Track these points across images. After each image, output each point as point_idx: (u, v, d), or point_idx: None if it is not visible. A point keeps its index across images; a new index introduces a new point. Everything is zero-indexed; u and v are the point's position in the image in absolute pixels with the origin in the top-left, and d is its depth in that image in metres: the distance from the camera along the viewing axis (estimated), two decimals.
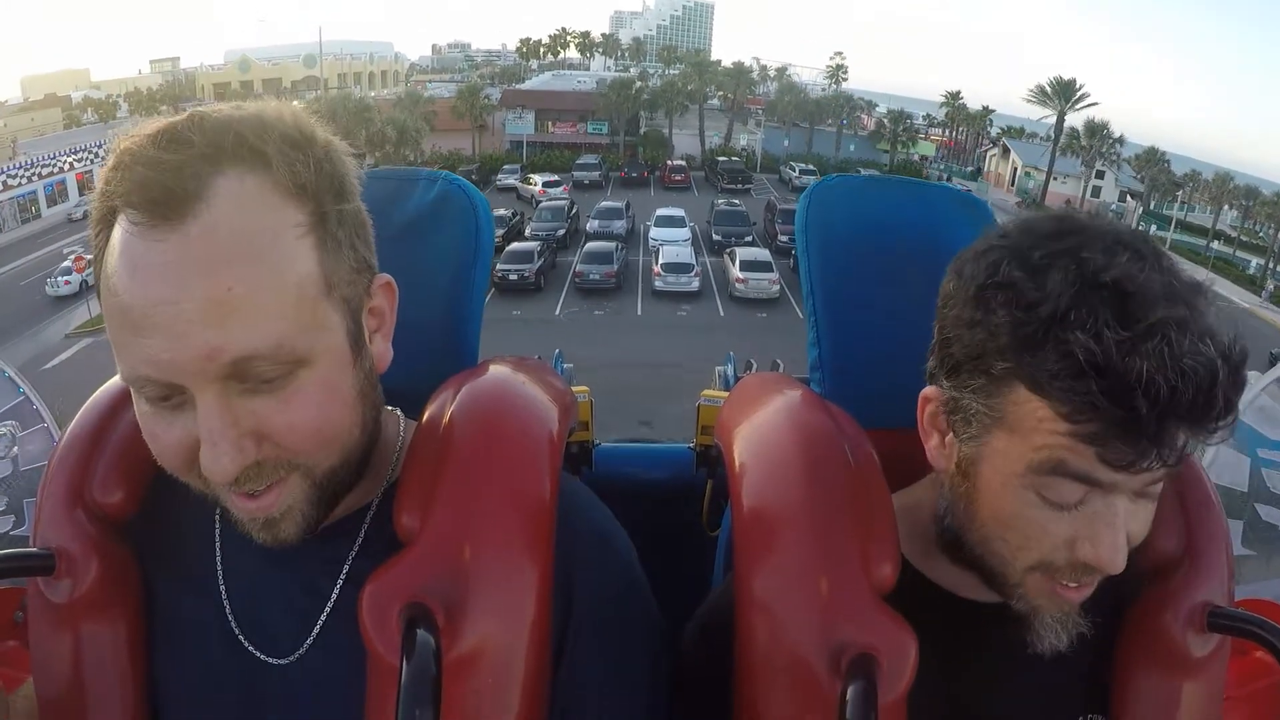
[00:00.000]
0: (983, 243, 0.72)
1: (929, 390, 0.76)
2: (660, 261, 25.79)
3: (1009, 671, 0.79)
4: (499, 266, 24.09)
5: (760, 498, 0.79)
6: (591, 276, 25.28)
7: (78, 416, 0.83)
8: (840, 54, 63.16)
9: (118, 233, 0.61)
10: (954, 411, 0.73)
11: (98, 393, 0.84)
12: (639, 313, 24.22)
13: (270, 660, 0.75)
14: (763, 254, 26.71)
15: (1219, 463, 1.52)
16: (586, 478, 1.51)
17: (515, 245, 26.48)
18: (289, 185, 0.63)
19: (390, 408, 0.82)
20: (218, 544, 0.79)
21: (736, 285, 24.60)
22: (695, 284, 25.17)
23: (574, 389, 1.14)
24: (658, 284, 25.20)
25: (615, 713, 0.77)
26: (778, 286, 24.25)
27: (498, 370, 0.84)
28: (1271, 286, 35.11)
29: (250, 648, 0.76)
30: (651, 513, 1.31)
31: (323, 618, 0.75)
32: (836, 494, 0.76)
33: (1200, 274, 0.69)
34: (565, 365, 1.76)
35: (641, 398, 14.63)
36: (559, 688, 0.73)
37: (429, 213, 0.96)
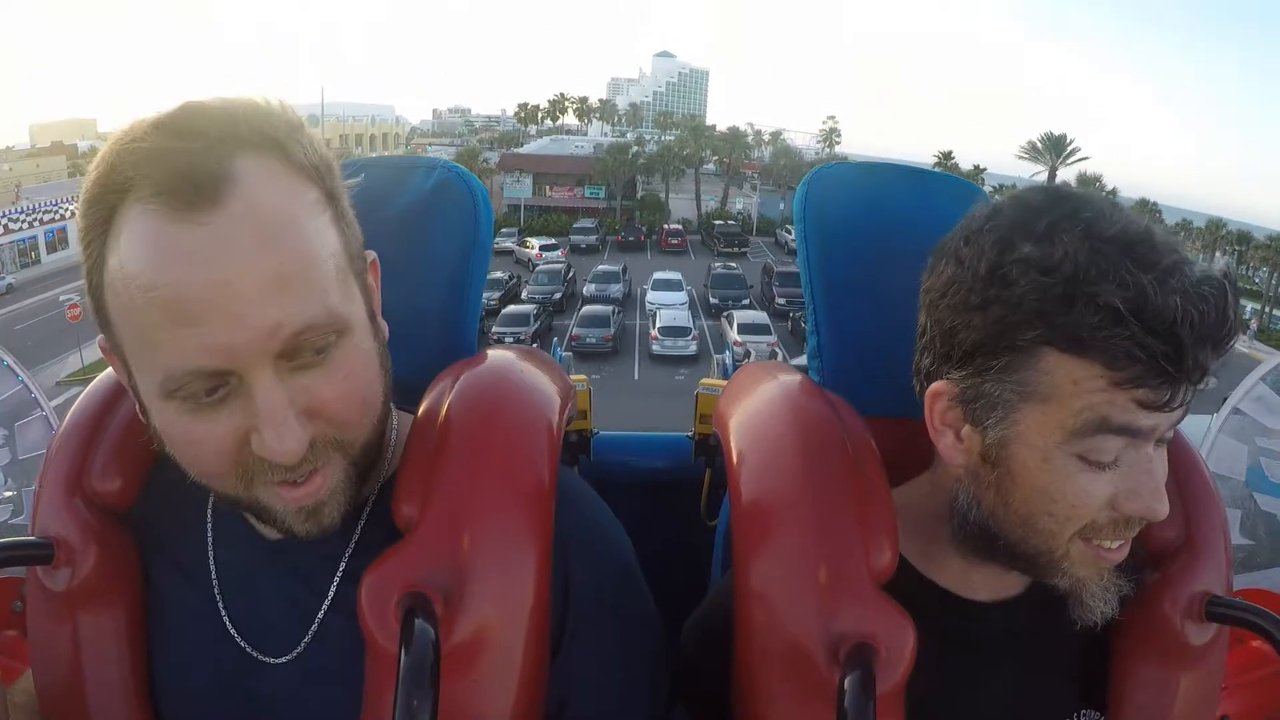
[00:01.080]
0: (973, 225, 0.72)
1: (938, 385, 0.74)
2: (658, 325, 25.72)
3: (1006, 668, 0.79)
4: (494, 329, 24.02)
5: (758, 486, 0.79)
6: (588, 340, 25.17)
7: (76, 405, 0.82)
8: (833, 118, 64.48)
9: (138, 226, 0.58)
10: (972, 400, 0.71)
11: (95, 382, 0.84)
12: (636, 377, 24.01)
13: (266, 659, 0.74)
14: (760, 316, 26.67)
15: (1217, 452, 1.52)
16: (585, 466, 1.49)
17: (511, 308, 26.45)
18: (304, 166, 0.64)
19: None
20: (209, 539, 0.78)
21: (735, 349, 24.40)
22: (693, 347, 25.03)
23: (573, 378, 1.11)
24: (655, 347, 25.08)
25: (612, 702, 0.77)
26: (777, 350, 24.09)
27: (496, 358, 0.83)
28: (1255, 325, 35.45)
29: (246, 646, 0.75)
30: (650, 501, 1.30)
31: (320, 615, 0.73)
32: (835, 482, 0.75)
33: None
34: (563, 354, 1.71)
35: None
36: (556, 678, 0.73)
37: (428, 201, 0.94)
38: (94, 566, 0.75)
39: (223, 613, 0.76)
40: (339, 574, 0.74)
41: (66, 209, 40.37)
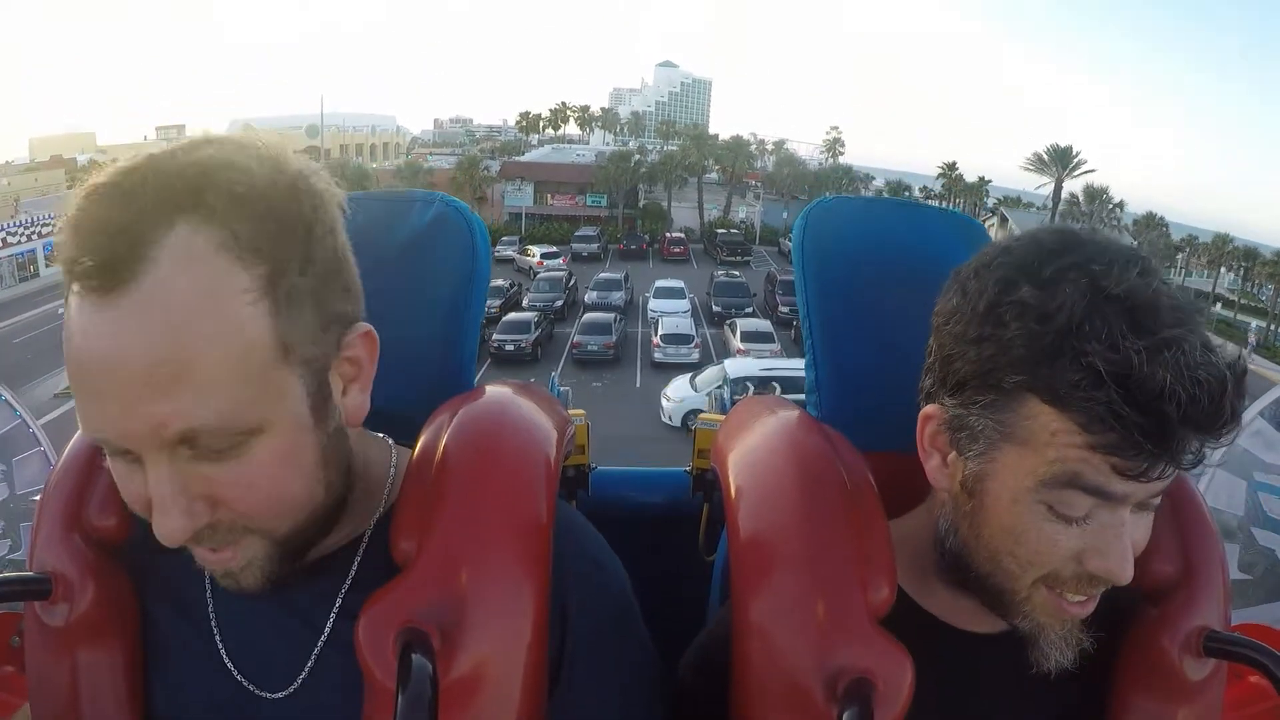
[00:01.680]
0: (985, 258, 0.72)
1: (930, 409, 0.75)
2: (660, 332, 25.39)
3: (1005, 701, 0.79)
4: (494, 337, 23.77)
5: (756, 521, 0.79)
6: (589, 348, 24.80)
7: (74, 440, 0.82)
8: (836, 128, 64.27)
9: (70, 294, 0.59)
10: (959, 429, 0.72)
11: None
12: (638, 384, 23.62)
13: (264, 694, 0.74)
14: (764, 324, 26.29)
15: (1215, 487, 1.51)
16: (583, 501, 1.49)
17: (512, 316, 26.11)
18: (241, 245, 0.59)
19: (380, 435, 0.80)
20: (207, 574, 0.75)
21: (738, 356, 24.07)
22: (695, 355, 24.65)
23: (570, 412, 1.13)
24: (657, 355, 24.71)
25: None
26: (780, 359, 23.73)
27: (494, 394, 0.84)
28: (1254, 340, 35.42)
29: (243, 680, 0.74)
30: (648, 537, 1.29)
31: (316, 651, 0.73)
32: (833, 517, 0.75)
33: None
34: (562, 389, 1.70)
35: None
36: (554, 713, 0.73)
37: (425, 235, 0.94)
38: (92, 602, 0.75)
39: (220, 647, 0.75)
40: (335, 610, 0.73)
41: None
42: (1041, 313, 0.65)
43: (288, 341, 0.62)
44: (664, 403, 19.08)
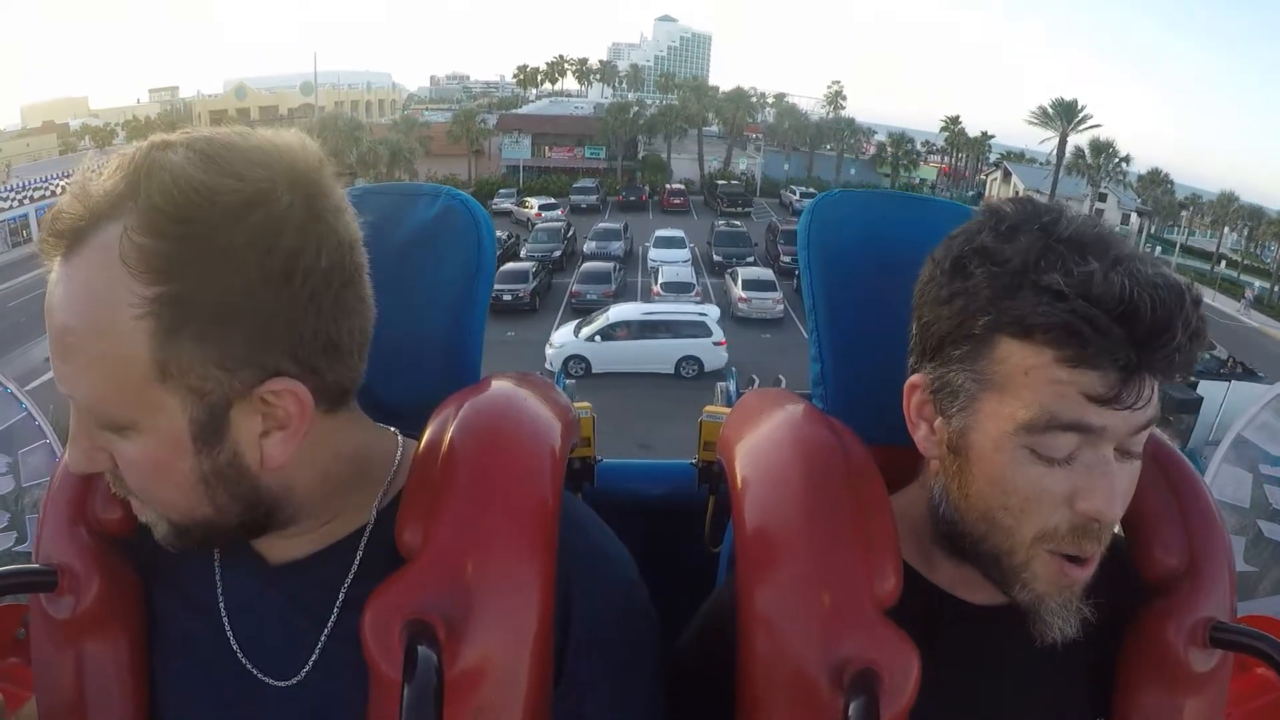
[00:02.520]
0: (951, 232, 0.76)
1: (914, 378, 0.77)
2: (660, 281, 25.02)
3: (1012, 673, 0.80)
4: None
5: (762, 514, 0.79)
6: (588, 296, 24.46)
7: None
8: (838, 83, 63.09)
9: None
10: (940, 390, 0.74)
11: None
12: None
13: (272, 682, 0.74)
14: (766, 273, 25.87)
15: (1221, 478, 1.53)
16: (588, 493, 1.50)
17: (509, 265, 25.71)
18: (141, 260, 0.60)
19: (390, 429, 0.81)
20: (216, 562, 0.78)
21: (739, 305, 23.80)
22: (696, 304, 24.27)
23: (576, 405, 1.12)
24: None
25: None
26: (781, 306, 23.45)
27: (500, 386, 0.84)
28: (1250, 295, 35.39)
29: (251, 669, 0.75)
30: (653, 529, 1.31)
31: (321, 641, 0.73)
32: (839, 509, 0.76)
33: (1206, 293, 0.69)
34: (567, 381, 1.72)
35: (640, 420, 13.83)
36: (560, 708, 0.73)
37: (430, 229, 0.95)
38: (97, 594, 0.75)
39: (229, 634, 0.75)
40: (339, 601, 0.73)
41: (57, 185, 40.15)
42: (999, 257, 0.68)
43: (167, 365, 0.61)
44: (547, 350, 18.68)
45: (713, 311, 19.71)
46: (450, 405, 0.79)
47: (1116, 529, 0.74)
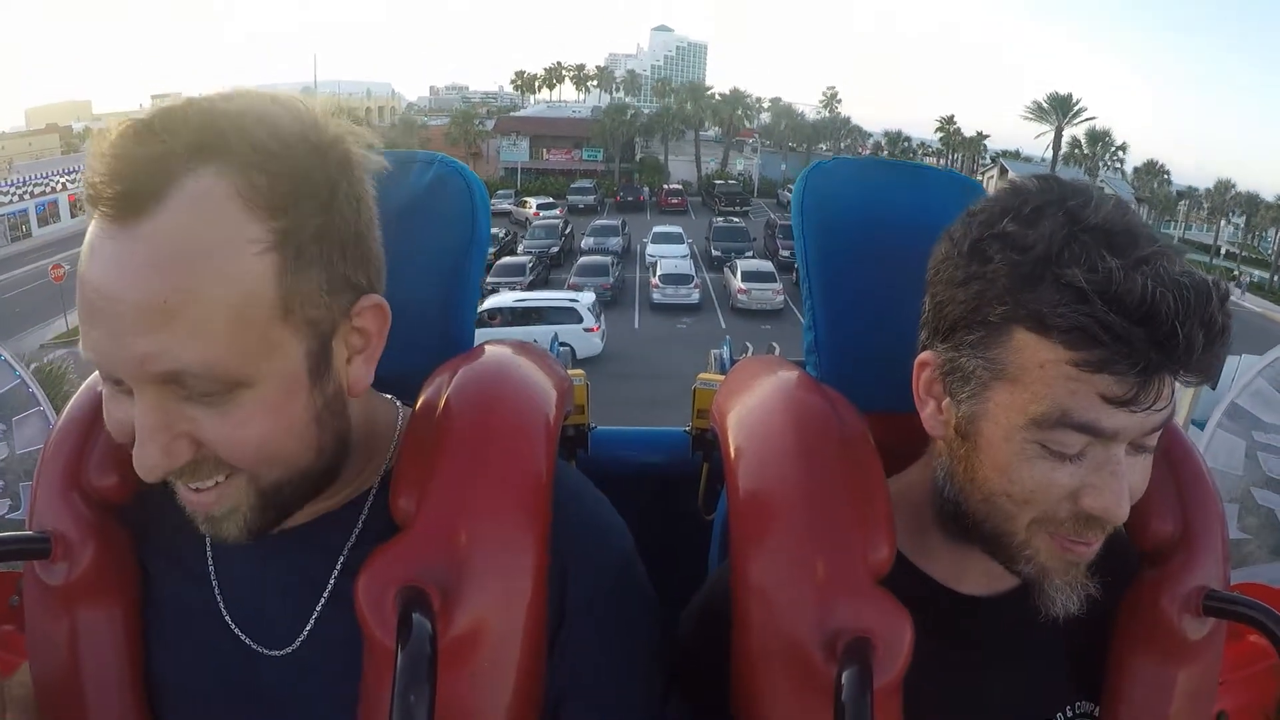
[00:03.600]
0: (971, 207, 0.74)
1: (924, 355, 0.76)
2: (658, 273, 24.98)
3: (1001, 662, 0.79)
4: (488, 280, 23.29)
5: (755, 481, 0.79)
6: (586, 289, 24.39)
7: (73, 400, 0.82)
8: (833, 88, 63.22)
9: (92, 221, 0.60)
10: (951, 372, 0.73)
11: (91, 377, 0.82)
12: (636, 326, 23.34)
13: (265, 651, 0.74)
14: (765, 265, 25.83)
15: (1215, 446, 1.52)
16: (582, 461, 1.51)
17: (506, 259, 25.75)
18: (257, 197, 0.59)
19: (387, 396, 0.81)
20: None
21: (739, 296, 23.77)
22: (695, 296, 24.32)
23: (570, 372, 1.14)
24: (656, 296, 24.34)
25: (611, 695, 0.76)
26: (782, 297, 23.43)
27: (493, 353, 0.84)
28: (1247, 280, 35.60)
29: (244, 638, 0.74)
30: (647, 496, 1.32)
31: (319, 608, 0.73)
32: (832, 477, 0.76)
33: None
34: (561, 348, 1.72)
35: (639, 411, 13.80)
36: (554, 675, 0.73)
37: (424, 196, 0.95)
38: (91, 561, 0.75)
39: (220, 604, 0.75)
40: (338, 567, 0.73)
41: (58, 181, 40.12)
42: (1021, 244, 0.66)
43: (290, 299, 0.61)
44: None
45: (585, 298, 19.51)
46: (444, 372, 0.78)
47: None
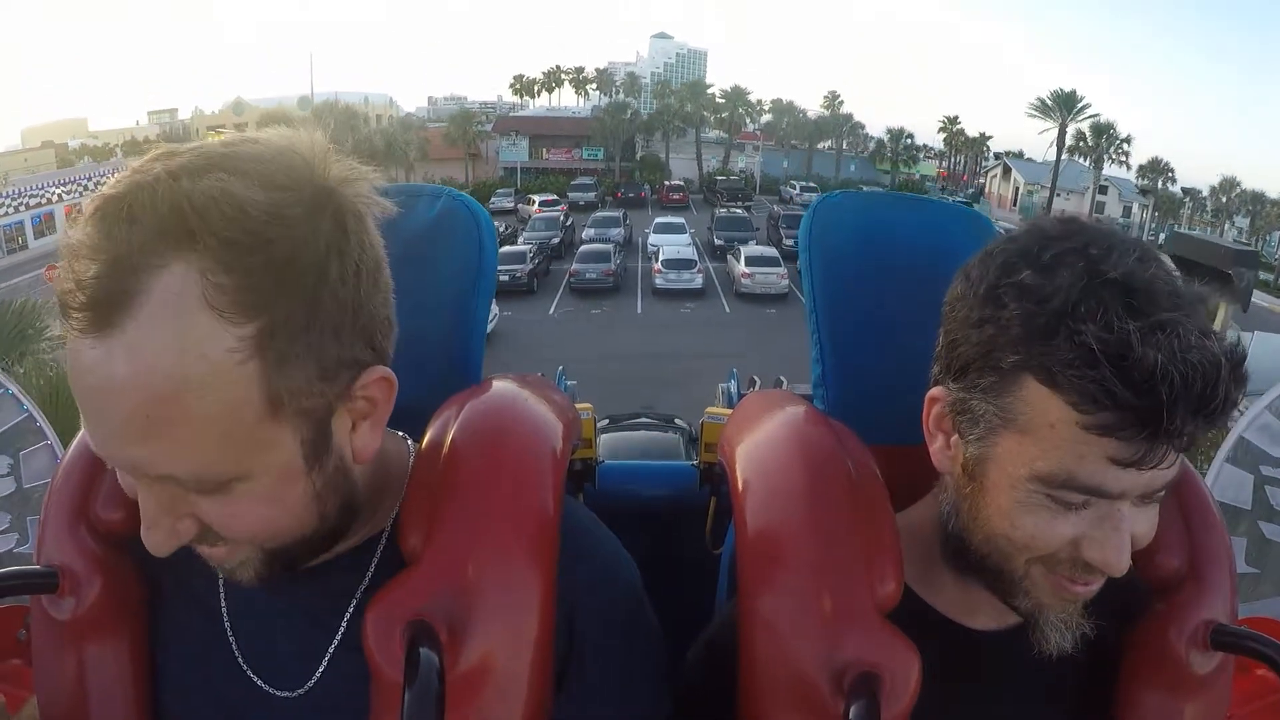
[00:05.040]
0: (990, 246, 0.73)
1: (935, 391, 0.76)
2: (661, 258, 24.62)
3: (1008, 698, 0.80)
4: None
5: (763, 515, 0.79)
6: (588, 275, 24.11)
7: (80, 434, 0.81)
8: (835, 93, 62.97)
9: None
10: (961, 412, 0.73)
11: None
12: (639, 311, 22.96)
13: (277, 693, 0.73)
14: (769, 250, 25.44)
15: (1223, 480, 1.53)
16: (589, 495, 1.53)
17: (507, 248, 25.36)
18: (229, 301, 0.55)
19: (399, 433, 0.80)
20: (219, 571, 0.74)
21: (743, 281, 23.38)
22: (698, 281, 23.94)
23: (578, 406, 1.13)
24: (659, 281, 23.95)
25: None
26: (785, 282, 23.00)
27: (500, 388, 0.84)
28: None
29: (255, 679, 0.73)
30: (655, 530, 1.33)
31: (331, 650, 0.72)
32: (840, 511, 0.76)
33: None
34: (569, 382, 1.96)
35: (642, 388, 13.36)
36: (561, 710, 0.72)
37: (431, 230, 0.95)
38: (99, 595, 0.75)
39: (232, 644, 0.74)
40: (350, 610, 0.72)
41: (53, 193, 39.87)
42: (1039, 295, 0.65)
43: (278, 397, 0.58)
44: None
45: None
46: (451, 407, 0.78)
47: None
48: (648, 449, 6.64)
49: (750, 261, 23.81)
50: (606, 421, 7.38)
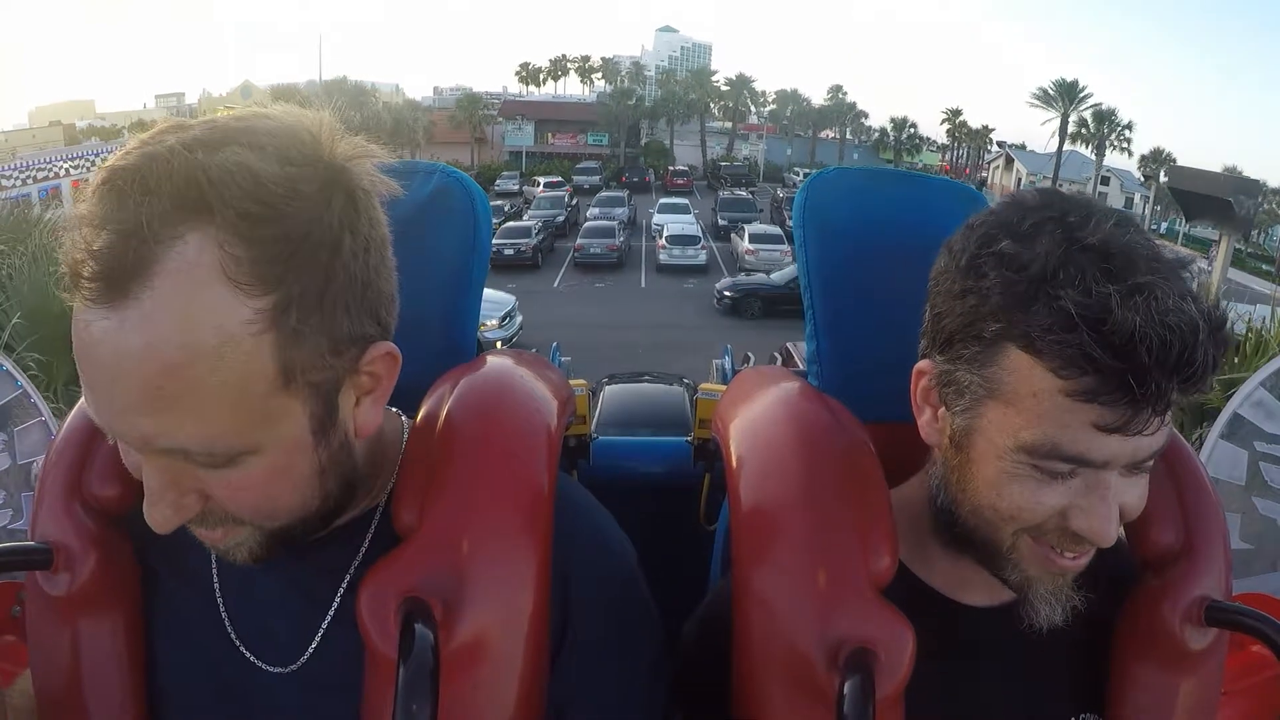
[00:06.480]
0: (971, 220, 0.74)
1: (922, 364, 0.76)
2: (665, 235, 24.86)
3: (1002, 673, 0.80)
4: (495, 242, 23.13)
5: (757, 491, 0.79)
6: (592, 250, 24.39)
7: (75, 410, 0.81)
8: (839, 86, 63.08)
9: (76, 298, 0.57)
10: (947, 384, 0.73)
11: None
12: (643, 285, 23.22)
13: (270, 668, 0.73)
14: (772, 228, 25.77)
15: (1217, 456, 1.55)
16: (584, 470, 1.54)
17: (511, 223, 25.68)
18: (246, 273, 0.55)
19: (393, 410, 0.80)
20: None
21: (746, 257, 23.59)
22: (702, 257, 24.21)
23: (572, 382, 1.12)
24: (663, 257, 24.23)
25: (611, 709, 0.76)
26: (789, 258, 23.16)
27: (494, 364, 0.84)
28: (1214, 252, 35.04)
29: (248, 655, 0.73)
30: (649, 506, 1.32)
31: (324, 625, 0.72)
32: (834, 487, 0.76)
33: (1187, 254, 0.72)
34: (563, 359, 1.50)
35: (646, 354, 13.62)
36: (556, 686, 0.72)
37: (426, 207, 0.94)
38: (93, 572, 0.74)
39: (225, 620, 0.74)
40: (344, 585, 0.72)
41: (61, 167, 39.96)
42: (1018, 263, 0.65)
43: (291, 369, 0.59)
44: None
45: None
46: (445, 383, 0.78)
47: None
48: (654, 400, 6.70)
49: (754, 239, 24.09)
50: (608, 379, 7.50)
